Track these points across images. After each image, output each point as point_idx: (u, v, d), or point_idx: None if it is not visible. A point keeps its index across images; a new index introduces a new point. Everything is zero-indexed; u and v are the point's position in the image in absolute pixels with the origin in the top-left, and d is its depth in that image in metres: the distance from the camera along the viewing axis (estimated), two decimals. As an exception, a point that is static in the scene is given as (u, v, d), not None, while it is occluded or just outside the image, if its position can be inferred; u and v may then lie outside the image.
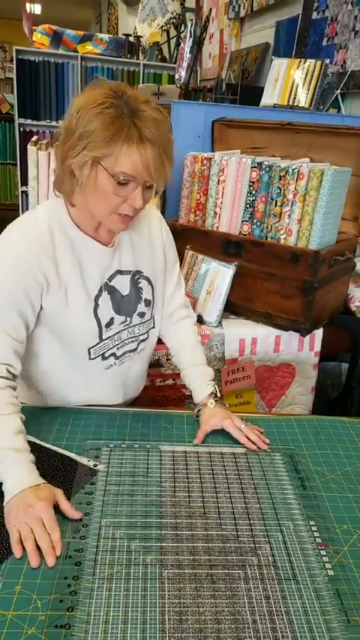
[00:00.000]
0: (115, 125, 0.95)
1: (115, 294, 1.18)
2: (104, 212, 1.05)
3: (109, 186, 1.00)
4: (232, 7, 4.00)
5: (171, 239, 1.32)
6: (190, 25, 2.71)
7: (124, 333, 1.22)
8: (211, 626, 0.76)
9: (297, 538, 0.92)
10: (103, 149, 0.96)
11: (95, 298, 1.15)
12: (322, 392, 2.08)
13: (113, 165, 0.98)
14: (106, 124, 0.95)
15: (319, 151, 1.87)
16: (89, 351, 1.17)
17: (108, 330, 1.18)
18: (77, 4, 9.74)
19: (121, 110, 0.96)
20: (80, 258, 1.12)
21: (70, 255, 1.11)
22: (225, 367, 1.64)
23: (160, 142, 0.98)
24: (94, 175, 1.00)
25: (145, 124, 0.96)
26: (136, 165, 0.97)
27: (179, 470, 1.07)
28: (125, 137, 0.95)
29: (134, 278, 1.21)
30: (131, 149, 0.96)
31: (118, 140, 0.95)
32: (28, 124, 4.47)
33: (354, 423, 1.29)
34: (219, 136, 2.07)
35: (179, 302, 1.35)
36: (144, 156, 0.97)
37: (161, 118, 1.00)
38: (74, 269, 1.11)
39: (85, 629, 0.74)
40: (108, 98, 0.97)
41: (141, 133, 0.96)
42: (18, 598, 0.78)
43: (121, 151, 0.96)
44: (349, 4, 2.49)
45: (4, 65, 9.18)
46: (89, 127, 0.95)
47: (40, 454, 1.06)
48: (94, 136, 0.95)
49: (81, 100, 0.98)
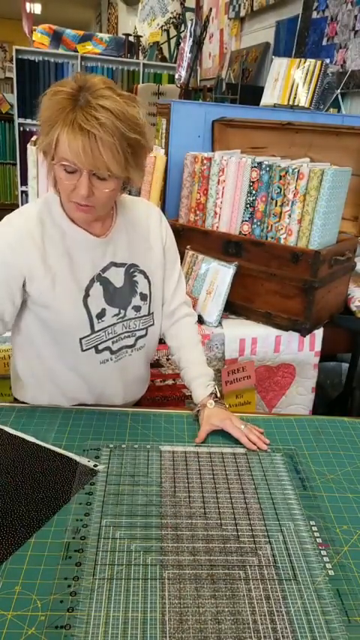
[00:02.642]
0: (59, 111, 0.97)
1: (109, 285, 1.19)
2: (64, 198, 1.08)
3: (58, 172, 1.03)
4: (232, 7, 4.00)
5: (172, 237, 1.31)
6: (190, 25, 2.71)
7: (119, 326, 1.22)
8: (212, 626, 0.76)
9: (297, 538, 0.92)
10: (50, 135, 0.99)
11: (86, 288, 1.16)
12: (322, 392, 2.08)
13: (57, 151, 1.00)
14: (53, 110, 0.97)
15: (319, 150, 1.87)
16: (81, 342, 1.17)
17: (100, 321, 1.18)
18: (77, 4, 9.73)
19: (75, 98, 0.97)
20: (70, 249, 1.14)
21: (59, 246, 1.13)
22: (225, 367, 1.64)
23: (96, 129, 0.95)
24: (51, 162, 1.03)
25: (84, 111, 0.96)
26: (67, 151, 0.98)
27: (179, 470, 1.07)
28: (62, 122, 0.97)
29: (129, 271, 1.22)
30: (64, 134, 0.97)
31: (57, 126, 0.97)
32: (27, 124, 4.47)
33: (354, 423, 1.29)
34: (219, 136, 2.07)
35: (180, 300, 1.35)
36: (74, 142, 0.96)
37: (111, 106, 0.97)
38: (63, 259, 1.13)
39: (85, 629, 0.74)
40: (66, 87, 0.98)
41: (74, 120, 0.96)
42: (18, 598, 0.78)
43: (57, 136, 0.98)
44: (349, 3, 2.49)
45: (3, 65, 9.17)
46: (44, 114, 1.00)
47: (40, 454, 1.06)
48: (45, 122, 0.99)
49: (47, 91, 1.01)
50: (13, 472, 1.01)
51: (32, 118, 4.44)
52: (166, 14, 4.89)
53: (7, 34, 9.07)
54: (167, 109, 2.01)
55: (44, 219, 1.12)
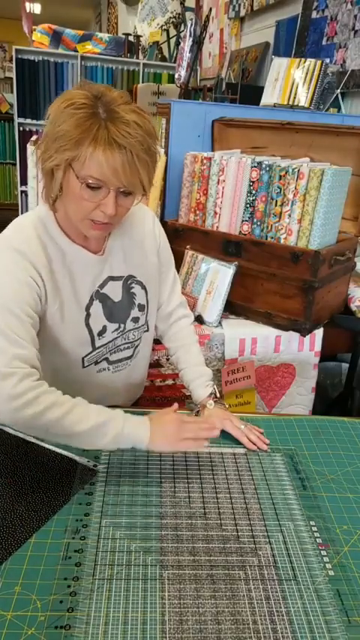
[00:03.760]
0: (84, 126, 0.91)
1: (107, 301, 1.16)
2: (77, 217, 1.02)
3: (80, 191, 0.96)
4: (232, 7, 4.00)
5: (165, 238, 1.29)
6: (190, 25, 2.71)
7: (119, 339, 1.21)
8: (212, 626, 0.76)
9: (297, 538, 0.92)
10: (72, 151, 0.92)
11: (87, 307, 1.13)
12: (322, 392, 2.08)
13: (81, 169, 0.94)
14: (76, 125, 0.91)
15: (319, 150, 1.86)
16: (83, 360, 1.16)
17: (101, 338, 1.17)
18: (77, 4, 9.73)
19: (94, 111, 0.92)
20: (71, 268, 1.09)
21: (62, 267, 1.08)
22: (225, 367, 1.64)
23: (133, 146, 0.92)
24: (67, 179, 0.97)
25: (117, 127, 0.91)
26: (102, 169, 0.92)
27: (179, 470, 1.07)
28: (92, 139, 0.91)
29: (127, 283, 1.19)
30: (97, 152, 0.91)
31: (85, 141, 0.91)
32: (27, 124, 4.46)
33: (354, 423, 1.28)
34: (219, 136, 2.07)
35: (177, 302, 1.34)
36: (111, 160, 0.92)
37: (140, 121, 0.94)
38: (65, 280, 1.09)
39: (85, 629, 0.74)
40: (83, 99, 0.93)
41: (110, 135, 0.91)
42: (18, 598, 0.77)
43: (87, 154, 0.92)
44: (348, 3, 2.48)
45: (3, 65, 9.16)
46: (61, 128, 0.92)
47: (40, 454, 1.06)
48: (64, 137, 0.92)
49: (58, 100, 0.95)
50: (13, 472, 1.01)
51: (32, 118, 4.43)
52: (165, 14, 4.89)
53: (7, 34, 9.06)
54: (167, 109, 2.01)
55: (44, 240, 1.06)
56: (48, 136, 0.95)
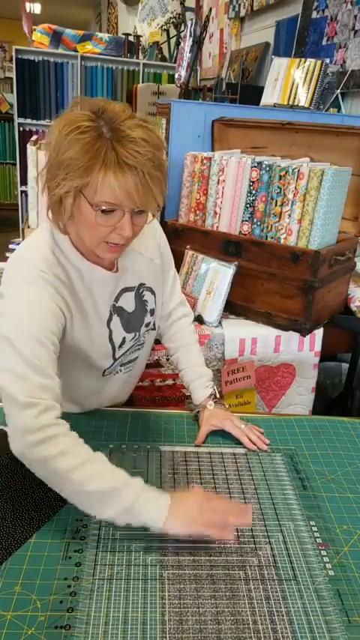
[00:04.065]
0: (92, 151, 0.87)
1: (123, 313, 1.15)
2: (93, 242, 0.98)
3: (94, 217, 0.92)
4: (232, 7, 4.00)
5: (164, 237, 1.28)
6: (190, 25, 2.71)
7: (134, 346, 1.22)
8: (212, 626, 0.76)
9: (297, 538, 0.92)
10: (82, 178, 0.88)
11: (107, 323, 1.12)
12: (322, 392, 2.08)
13: (93, 195, 0.90)
14: (83, 151, 0.87)
15: (319, 150, 1.86)
16: (104, 371, 1.17)
17: (120, 349, 1.17)
18: (77, 4, 9.73)
19: (99, 132, 0.88)
20: (91, 287, 1.07)
21: (82, 287, 1.06)
22: (225, 367, 1.64)
23: (144, 165, 0.88)
24: (79, 205, 0.93)
25: (125, 147, 0.87)
26: (115, 193, 0.89)
27: (179, 470, 1.07)
28: (102, 164, 0.87)
29: (139, 292, 1.18)
30: (109, 176, 0.87)
31: (94, 167, 0.87)
32: (27, 124, 4.47)
33: (354, 423, 1.28)
34: (219, 136, 2.07)
35: (176, 301, 1.35)
36: (123, 183, 0.88)
37: (147, 136, 0.90)
38: (88, 300, 1.07)
39: (85, 629, 0.74)
40: (86, 121, 0.88)
41: (119, 157, 0.87)
42: (18, 598, 0.78)
43: (98, 179, 0.88)
44: (348, 3, 2.48)
45: (3, 65, 9.15)
46: (67, 155, 0.88)
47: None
48: (71, 164, 0.88)
49: (59, 124, 0.91)
50: (13, 472, 1.01)
51: (32, 118, 4.44)
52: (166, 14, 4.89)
53: (7, 34, 9.06)
54: (167, 109, 2.01)
55: (62, 261, 1.02)
56: (53, 164, 0.91)
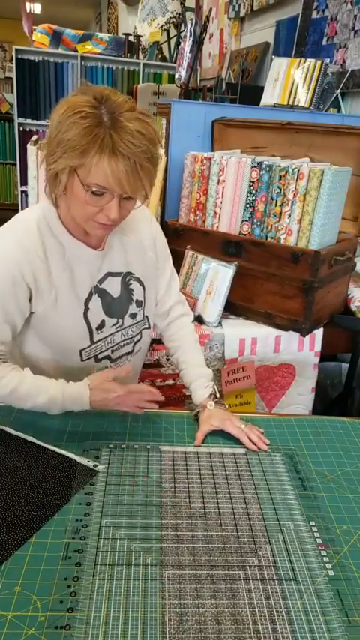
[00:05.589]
0: (90, 136, 0.93)
1: (106, 296, 1.18)
2: (82, 218, 1.05)
3: (84, 196, 0.99)
4: (232, 7, 4.00)
5: (162, 236, 1.31)
6: (190, 25, 2.71)
7: (118, 335, 1.22)
8: (212, 626, 0.76)
9: (297, 538, 0.92)
10: (78, 159, 0.95)
11: (85, 302, 1.16)
12: (322, 392, 2.08)
13: (86, 176, 0.96)
14: (82, 134, 0.93)
15: (319, 150, 1.86)
16: (81, 353, 1.17)
17: (99, 332, 1.19)
18: (77, 4, 9.72)
19: (99, 120, 0.94)
20: (71, 263, 1.13)
21: (61, 261, 1.11)
22: (225, 367, 1.64)
23: (137, 156, 0.95)
24: (72, 183, 0.99)
25: (120, 136, 0.93)
26: (107, 177, 0.95)
27: (179, 470, 1.07)
28: (98, 148, 0.93)
29: (125, 279, 1.21)
30: (103, 161, 0.94)
31: (90, 151, 0.93)
32: (27, 124, 4.47)
33: (354, 423, 1.28)
34: (219, 136, 2.07)
35: (174, 299, 1.35)
36: (115, 169, 0.94)
37: (143, 130, 0.96)
38: (64, 274, 1.12)
39: (85, 629, 0.74)
40: (88, 107, 0.94)
41: (114, 145, 0.93)
42: (18, 598, 0.77)
43: (92, 162, 0.94)
44: (348, 3, 2.48)
45: (3, 65, 9.16)
46: (66, 135, 0.94)
47: (40, 454, 1.06)
48: (70, 144, 0.94)
49: (63, 106, 0.97)
50: (13, 472, 1.01)
51: (32, 118, 4.44)
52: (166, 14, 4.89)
53: (7, 34, 9.06)
54: (167, 109, 2.01)
55: (44, 233, 1.10)
56: (53, 141, 0.97)
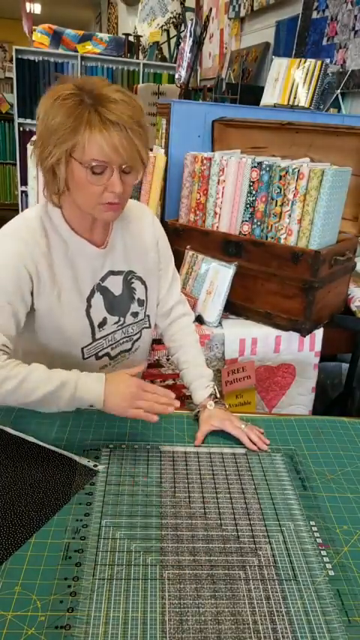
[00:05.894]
0: (75, 113, 0.95)
1: (108, 294, 1.19)
2: (90, 204, 1.05)
3: (86, 177, 1.00)
4: (232, 7, 4.00)
5: (164, 237, 1.31)
6: (190, 25, 2.71)
7: (119, 333, 1.23)
8: (212, 626, 0.76)
9: (297, 538, 0.92)
10: (71, 140, 0.96)
11: (88, 299, 1.16)
12: (322, 392, 2.08)
13: (82, 155, 0.97)
14: (68, 114, 0.95)
15: (319, 150, 1.86)
16: (83, 351, 1.17)
17: (101, 330, 1.19)
18: (77, 4, 9.72)
19: (81, 98, 0.97)
20: (74, 260, 1.13)
21: (64, 258, 1.11)
22: (225, 367, 1.64)
23: (125, 121, 0.96)
24: (71, 170, 1.01)
25: (106, 107, 0.96)
26: (102, 149, 0.96)
27: (179, 470, 1.07)
28: (86, 123, 0.95)
29: (127, 278, 1.22)
30: (94, 134, 0.95)
31: (80, 128, 0.95)
32: (27, 124, 4.47)
33: (354, 423, 1.28)
34: (219, 136, 2.07)
35: (175, 299, 1.35)
36: (109, 138, 0.96)
37: (126, 99, 0.99)
38: (67, 271, 1.12)
39: (85, 629, 0.74)
40: (67, 90, 0.98)
41: (102, 117, 0.95)
42: (18, 598, 0.77)
43: (85, 138, 0.96)
44: (349, 3, 2.48)
45: (3, 65, 9.16)
46: (54, 121, 0.96)
47: (40, 454, 1.06)
48: (60, 129, 0.96)
49: (45, 99, 0.99)
50: (13, 472, 1.01)
51: (32, 118, 4.43)
52: (166, 14, 4.89)
53: (7, 34, 9.06)
54: (167, 109, 2.01)
55: (47, 229, 1.11)
56: (43, 134, 0.99)
